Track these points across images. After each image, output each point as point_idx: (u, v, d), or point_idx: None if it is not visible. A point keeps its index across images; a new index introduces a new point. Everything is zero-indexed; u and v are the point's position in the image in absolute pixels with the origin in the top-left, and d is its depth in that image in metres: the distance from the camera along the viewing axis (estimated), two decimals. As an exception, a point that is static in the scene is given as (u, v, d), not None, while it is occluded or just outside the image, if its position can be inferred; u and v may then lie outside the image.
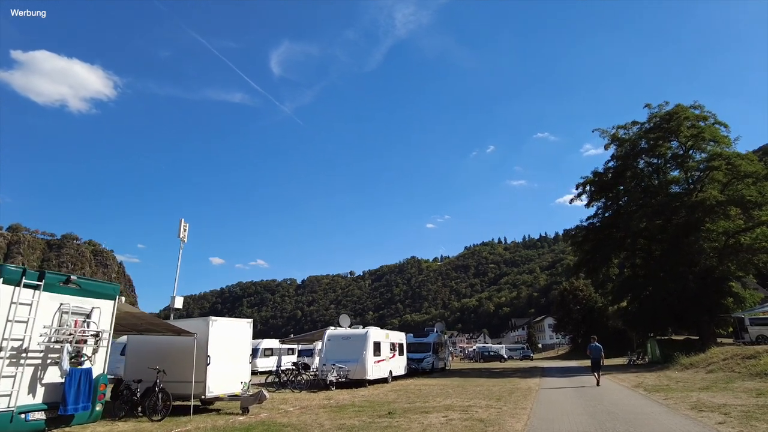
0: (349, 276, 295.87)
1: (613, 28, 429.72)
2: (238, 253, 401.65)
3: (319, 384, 18.93)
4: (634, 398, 12.86)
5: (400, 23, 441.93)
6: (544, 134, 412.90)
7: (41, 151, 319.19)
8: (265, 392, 11.51)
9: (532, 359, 56.36)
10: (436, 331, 32.22)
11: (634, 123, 34.11)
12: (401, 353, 24.12)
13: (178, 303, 16.46)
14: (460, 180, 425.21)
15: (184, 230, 17.22)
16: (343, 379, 18.79)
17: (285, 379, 18.58)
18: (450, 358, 53.77)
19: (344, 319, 22.54)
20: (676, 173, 32.97)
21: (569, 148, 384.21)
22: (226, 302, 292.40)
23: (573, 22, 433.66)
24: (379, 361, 20.41)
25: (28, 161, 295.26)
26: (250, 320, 13.27)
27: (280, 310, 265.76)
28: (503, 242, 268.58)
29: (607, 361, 34.68)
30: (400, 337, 24.59)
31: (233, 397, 11.87)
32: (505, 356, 52.98)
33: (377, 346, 20.47)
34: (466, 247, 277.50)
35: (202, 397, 11.22)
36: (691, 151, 31.53)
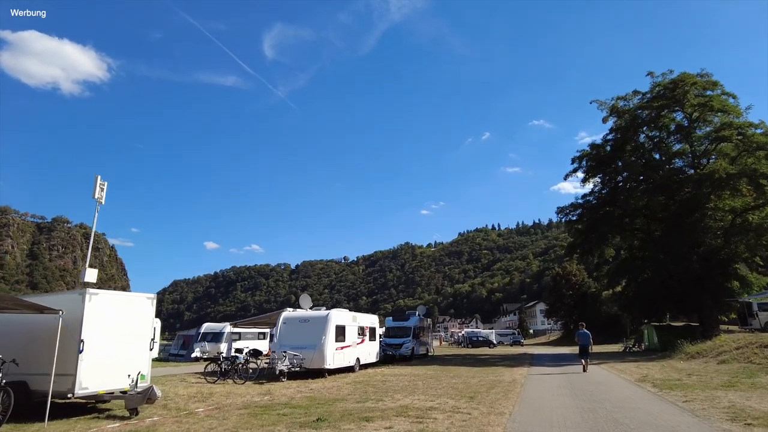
0: (342, 261, 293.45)
1: (608, 16, 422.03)
2: (232, 238, 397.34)
3: (272, 374, 16.22)
4: (645, 399, 10.08)
5: (395, 7, 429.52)
6: (540, 121, 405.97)
7: (32, 134, 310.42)
8: (156, 389, 8.72)
9: (522, 345, 54.37)
10: (418, 315, 29.54)
11: (636, 93, 31.02)
12: (372, 338, 21.45)
13: (90, 276, 13.45)
14: (455, 167, 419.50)
15: (101, 189, 14.17)
16: (297, 369, 16.09)
17: (228, 367, 15.81)
18: (438, 343, 51.75)
19: (305, 299, 19.71)
20: (679, 146, 30.23)
21: (564, 136, 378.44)
22: (220, 286, 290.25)
23: (569, 10, 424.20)
24: (342, 348, 17.68)
25: (19, 144, 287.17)
26: (153, 295, 10.32)
27: (273, 295, 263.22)
28: (497, 229, 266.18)
29: (601, 348, 32.84)
30: (371, 320, 21.90)
31: (122, 394, 9.10)
32: (495, 342, 50.66)
33: (341, 330, 17.74)
34: (460, 234, 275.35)
35: (70, 395, 8.38)
36: (696, 123, 28.66)
